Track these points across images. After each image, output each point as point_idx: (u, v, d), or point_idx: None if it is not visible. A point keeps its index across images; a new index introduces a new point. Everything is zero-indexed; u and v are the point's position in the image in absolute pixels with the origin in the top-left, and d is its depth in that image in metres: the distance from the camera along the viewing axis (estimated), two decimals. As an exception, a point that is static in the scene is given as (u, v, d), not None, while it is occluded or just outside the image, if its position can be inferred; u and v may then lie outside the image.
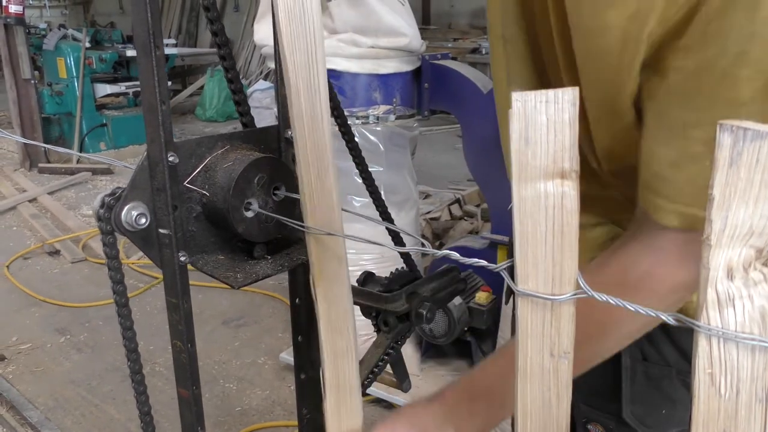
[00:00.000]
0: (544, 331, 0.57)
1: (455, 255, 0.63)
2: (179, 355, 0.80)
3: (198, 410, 0.82)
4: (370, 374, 1.00)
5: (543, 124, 0.51)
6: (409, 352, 2.59)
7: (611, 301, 0.53)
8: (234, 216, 0.75)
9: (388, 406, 2.43)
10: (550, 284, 0.55)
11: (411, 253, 1.05)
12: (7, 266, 3.87)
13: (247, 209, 0.76)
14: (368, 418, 0.86)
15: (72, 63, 6.30)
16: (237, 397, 2.58)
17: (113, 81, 6.64)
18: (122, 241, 4.21)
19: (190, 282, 0.74)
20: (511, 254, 0.62)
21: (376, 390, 2.41)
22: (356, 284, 1.07)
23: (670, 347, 0.97)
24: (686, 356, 0.94)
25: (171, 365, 2.92)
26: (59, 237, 4.28)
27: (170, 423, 2.43)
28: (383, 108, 2.37)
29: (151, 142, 0.71)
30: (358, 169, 0.99)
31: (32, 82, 6.00)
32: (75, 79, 6.29)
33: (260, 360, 2.86)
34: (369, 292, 0.98)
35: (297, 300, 0.95)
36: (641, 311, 0.49)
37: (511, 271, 0.59)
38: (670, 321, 0.49)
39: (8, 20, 5.70)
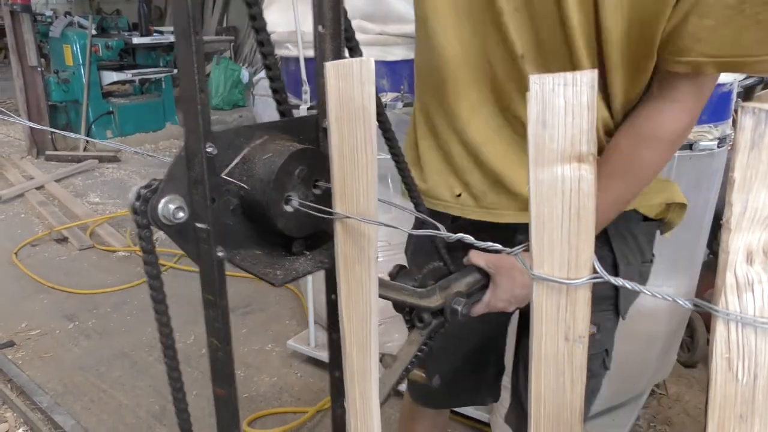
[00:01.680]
0: (559, 315, 0.57)
1: (470, 239, 0.62)
2: (216, 353, 0.77)
3: (234, 409, 0.80)
4: (404, 371, 0.97)
5: (561, 107, 0.51)
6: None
7: (627, 286, 0.53)
8: (274, 210, 0.72)
9: (395, 392, 2.44)
10: (566, 268, 0.55)
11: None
12: (15, 253, 3.89)
13: (287, 203, 0.74)
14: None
15: (78, 50, 6.30)
16: (244, 384, 2.59)
17: (119, 68, 6.63)
18: (128, 229, 4.22)
19: (194, 269, 0.72)
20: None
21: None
22: (388, 277, 1.06)
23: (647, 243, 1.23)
24: None
25: (179, 352, 2.92)
26: (67, 224, 4.30)
27: (178, 409, 2.44)
28: (391, 95, 2.36)
29: (190, 133, 0.68)
30: (393, 159, 0.96)
31: (39, 69, 6.00)
32: (81, 67, 6.28)
33: (267, 347, 2.88)
34: (402, 287, 0.95)
35: (333, 296, 0.92)
36: (668, 298, 0.48)
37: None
38: (688, 306, 0.49)
39: (15, 7, 5.70)
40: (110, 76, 6.54)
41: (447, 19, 1.06)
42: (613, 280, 0.52)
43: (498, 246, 0.60)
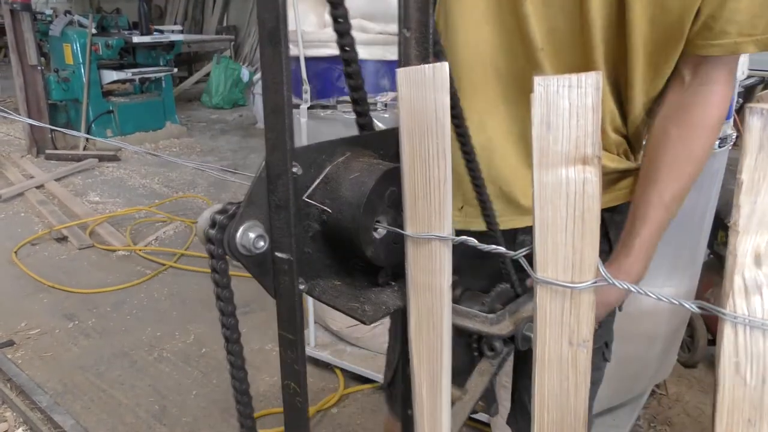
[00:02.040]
0: (563, 319, 0.56)
1: (473, 241, 0.62)
2: (293, 399, 0.68)
3: None
4: (476, 406, 0.89)
5: (565, 109, 0.50)
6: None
7: (632, 289, 0.53)
8: (363, 237, 0.65)
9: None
10: (570, 272, 0.55)
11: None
12: (15, 252, 3.88)
13: (376, 228, 0.67)
14: (374, 405, 0.84)
15: (78, 49, 6.28)
16: (244, 384, 2.59)
17: (119, 67, 6.62)
18: (128, 228, 4.21)
19: (197, 268, 0.67)
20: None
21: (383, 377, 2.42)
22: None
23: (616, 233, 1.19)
24: None
25: (178, 351, 2.94)
26: (67, 223, 4.29)
27: (178, 408, 2.44)
28: (391, 95, 2.36)
29: (274, 150, 0.60)
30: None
31: (39, 68, 5.99)
32: (81, 66, 6.27)
33: (267, 347, 2.87)
34: (471, 312, 0.86)
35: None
36: (674, 302, 0.48)
37: (529, 258, 0.59)
38: (694, 309, 0.49)
39: (15, 6, 5.69)
40: (110, 75, 6.53)
41: (471, 15, 1.04)
42: (618, 284, 0.52)
43: (502, 249, 0.60)
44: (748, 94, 3.31)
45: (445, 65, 0.59)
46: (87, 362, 2.77)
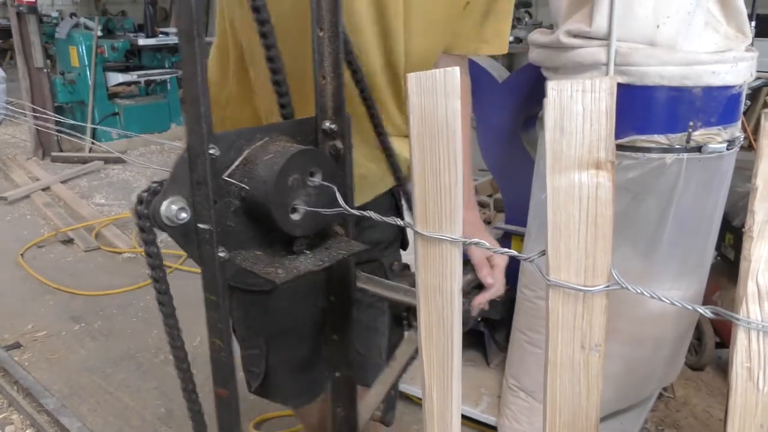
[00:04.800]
0: (575, 323, 0.56)
1: (485, 244, 0.62)
2: (218, 354, 0.79)
3: (235, 409, 0.82)
4: (402, 371, 0.97)
5: (579, 114, 0.50)
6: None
7: (646, 293, 0.53)
8: (277, 211, 0.73)
9: (401, 395, 2.43)
10: (583, 275, 0.55)
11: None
12: (22, 254, 3.90)
13: (290, 203, 0.75)
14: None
15: (84, 52, 6.31)
16: (250, 386, 2.59)
17: (125, 70, 6.64)
18: (133, 231, 4.22)
19: (200, 271, 0.72)
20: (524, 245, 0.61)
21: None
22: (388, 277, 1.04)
23: None
24: None
25: (186, 354, 2.82)
26: (72, 226, 4.30)
27: (184, 411, 2.43)
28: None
29: (192, 134, 0.69)
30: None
31: (45, 70, 6.02)
32: (87, 68, 6.30)
33: (273, 349, 2.87)
34: (399, 286, 0.94)
35: (332, 298, 0.93)
36: (688, 307, 0.48)
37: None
38: (708, 314, 0.49)
39: (21, 8, 5.71)
40: (116, 78, 6.56)
41: None
42: (631, 287, 0.52)
43: (513, 252, 0.60)
44: (754, 96, 3.30)
45: (456, 70, 0.59)
46: (93, 364, 2.78)
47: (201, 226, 0.71)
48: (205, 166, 0.69)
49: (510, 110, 2.29)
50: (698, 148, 1.74)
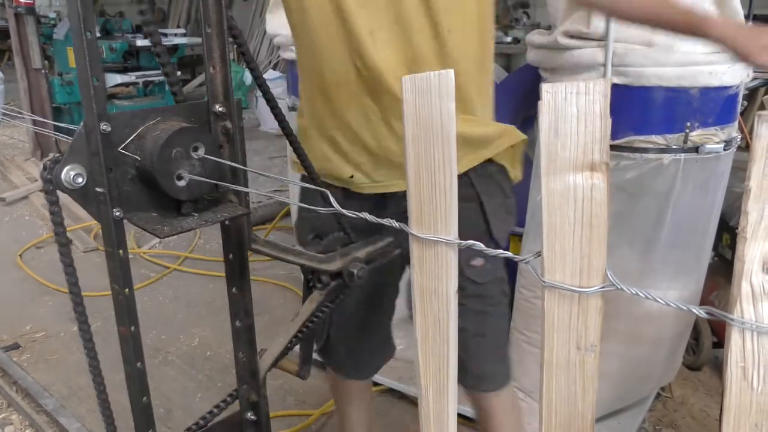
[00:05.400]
0: (570, 324, 0.57)
1: (480, 245, 0.62)
2: (117, 296, 0.93)
3: (136, 346, 0.96)
4: (303, 327, 1.14)
5: (573, 116, 0.51)
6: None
7: (641, 294, 0.53)
8: (161, 177, 0.85)
9: (401, 396, 2.43)
10: (578, 276, 0.55)
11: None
12: (20, 255, 3.89)
13: (174, 172, 0.87)
14: (380, 408, 0.86)
15: (82, 53, 6.30)
16: (249, 387, 2.59)
17: (123, 71, 6.63)
18: (131, 232, 4.22)
19: (201, 271, 0.79)
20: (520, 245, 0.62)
21: (389, 381, 2.42)
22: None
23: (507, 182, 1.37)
24: None
25: (184, 354, 2.93)
26: (71, 226, 4.30)
27: (183, 411, 2.44)
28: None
29: (86, 113, 0.82)
30: (282, 130, 1.12)
31: (43, 71, 6.01)
32: (85, 69, 6.29)
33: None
34: (303, 252, 1.11)
35: (231, 255, 1.06)
36: (683, 307, 0.48)
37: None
38: (702, 315, 0.49)
39: (19, 9, 5.70)
40: (114, 79, 6.55)
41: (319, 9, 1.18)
42: (625, 288, 0.52)
43: (509, 254, 0.60)
44: (751, 96, 3.30)
45: (451, 72, 0.59)
46: (92, 365, 2.78)
47: (98, 189, 0.84)
48: (98, 140, 0.81)
49: (508, 111, 2.29)
50: (695, 149, 1.74)
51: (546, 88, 0.49)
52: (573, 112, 0.50)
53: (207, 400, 2.48)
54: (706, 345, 2.51)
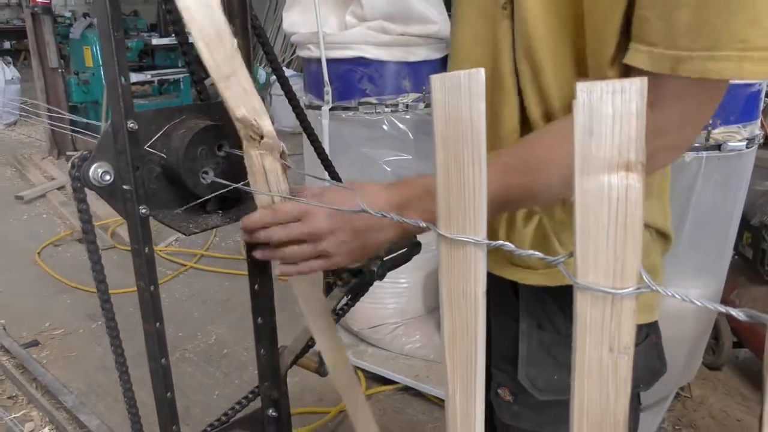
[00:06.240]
0: (603, 325, 0.56)
1: (510, 246, 0.62)
2: (143, 294, 0.92)
3: (161, 342, 0.97)
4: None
5: (608, 116, 0.50)
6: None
7: (677, 297, 0.52)
8: (187, 175, 0.86)
9: (417, 393, 2.43)
10: (611, 278, 0.54)
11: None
12: (38, 253, 3.93)
13: (200, 169, 0.88)
14: (396, 406, 0.85)
15: (98, 52, 6.35)
16: (266, 384, 2.60)
17: (139, 69, 6.68)
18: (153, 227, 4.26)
19: (217, 269, 0.78)
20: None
21: (405, 378, 2.42)
22: None
23: (562, 318, 1.02)
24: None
25: (200, 351, 2.94)
26: (88, 224, 4.34)
27: (201, 408, 2.46)
28: (413, 96, 2.35)
29: (113, 111, 0.82)
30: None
31: (59, 71, 6.06)
32: (101, 68, 6.33)
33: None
34: None
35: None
36: (721, 309, 0.47)
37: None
38: (741, 317, 0.48)
39: (36, 9, 5.76)
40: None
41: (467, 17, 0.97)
42: (661, 290, 0.51)
43: (539, 254, 0.59)
44: (772, 92, 3.25)
45: (481, 71, 0.59)
46: (111, 362, 2.79)
47: (124, 187, 0.84)
48: (125, 138, 0.82)
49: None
50: (717, 147, 1.72)
51: (581, 87, 0.48)
52: (608, 111, 0.49)
53: (224, 398, 2.49)
54: (726, 345, 2.49)
